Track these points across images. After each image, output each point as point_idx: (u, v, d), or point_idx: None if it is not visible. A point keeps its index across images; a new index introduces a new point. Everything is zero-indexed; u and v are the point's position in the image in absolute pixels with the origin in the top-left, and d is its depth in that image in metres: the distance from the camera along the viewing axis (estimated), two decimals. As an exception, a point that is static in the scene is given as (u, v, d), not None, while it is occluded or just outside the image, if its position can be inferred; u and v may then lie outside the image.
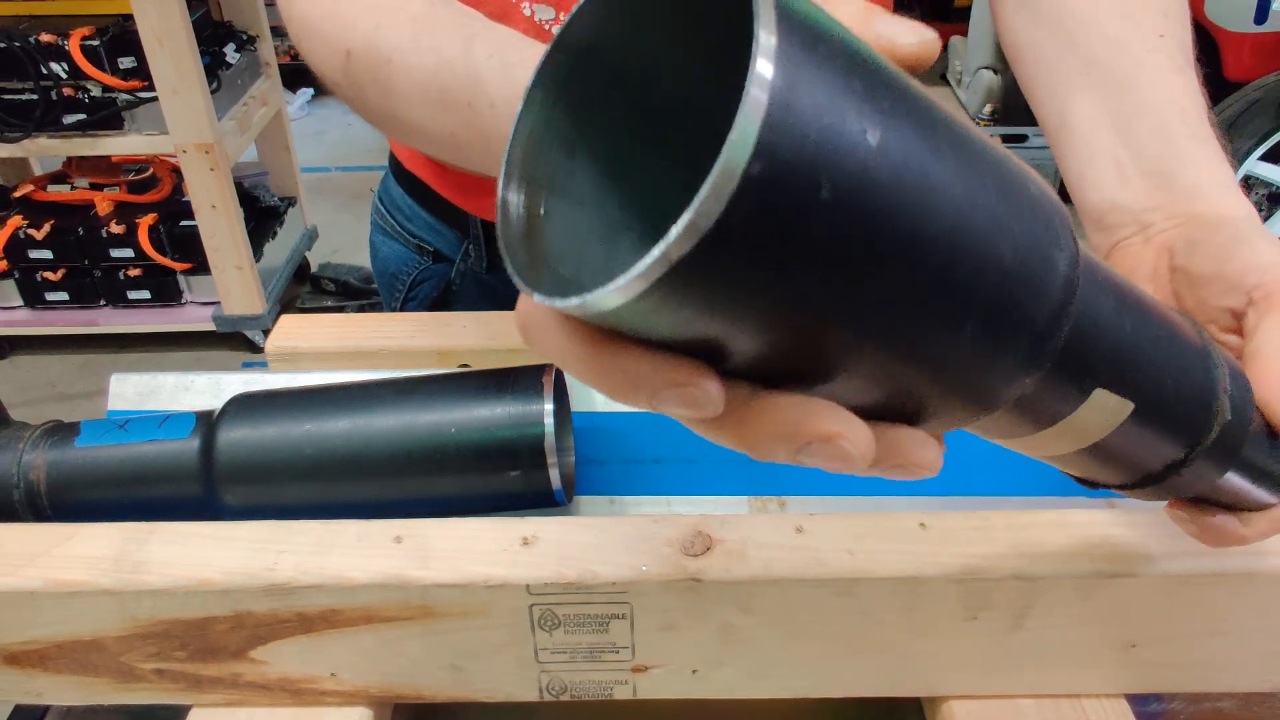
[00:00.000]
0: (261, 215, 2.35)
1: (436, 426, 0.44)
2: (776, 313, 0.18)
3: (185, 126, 1.93)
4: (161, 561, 0.38)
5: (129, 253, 2.15)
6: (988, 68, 3.17)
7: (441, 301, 0.76)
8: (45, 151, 2.02)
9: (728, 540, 0.39)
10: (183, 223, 2.13)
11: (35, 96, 1.91)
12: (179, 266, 2.18)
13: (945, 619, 0.39)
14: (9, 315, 2.23)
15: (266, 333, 2.13)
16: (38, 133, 1.95)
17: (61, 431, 0.46)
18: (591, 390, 0.26)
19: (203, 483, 0.45)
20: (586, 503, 0.51)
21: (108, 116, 1.94)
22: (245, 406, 0.46)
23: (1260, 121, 2.06)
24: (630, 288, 0.16)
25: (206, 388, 0.56)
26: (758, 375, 0.20)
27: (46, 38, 1.88)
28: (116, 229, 2.12)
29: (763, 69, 0.15)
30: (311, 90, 3.63)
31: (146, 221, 2.12)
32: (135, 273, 2.18)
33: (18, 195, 2.20)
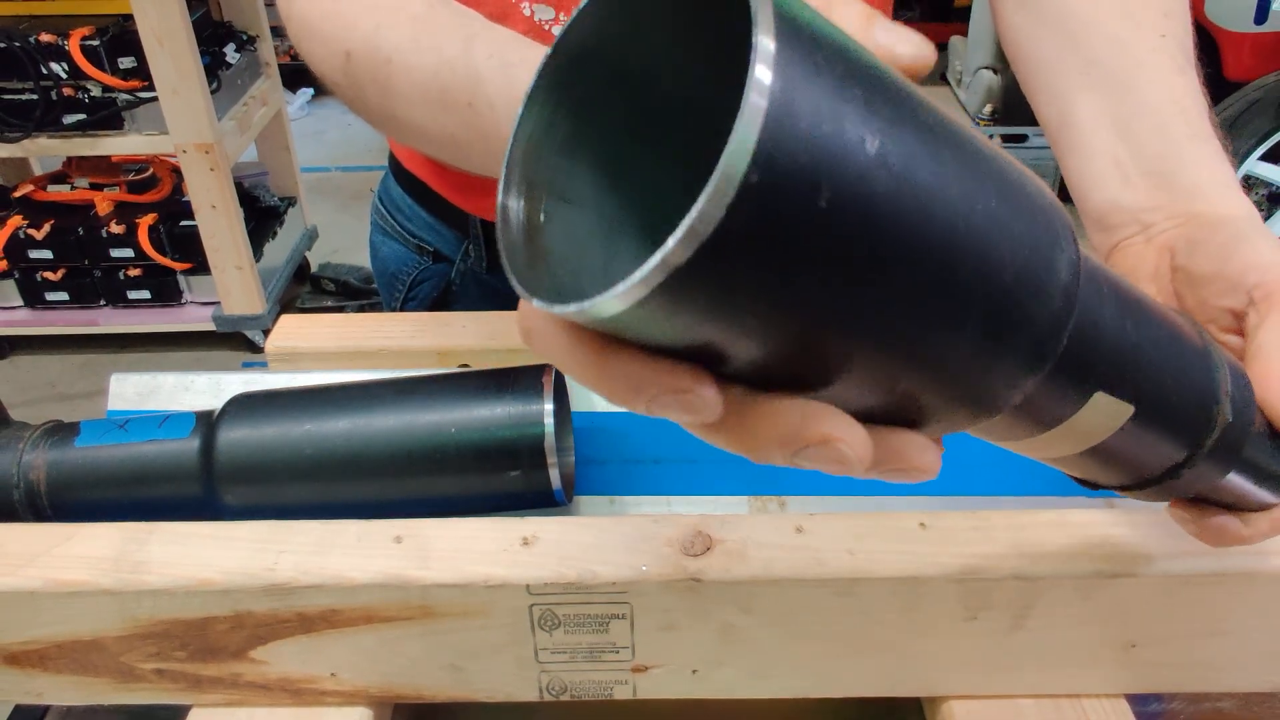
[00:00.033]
0: (261, 215, 2.35)
1: (436, 426, 0.44)
2: (775, 320, 0.18)
3: (185, 126, 1.94)
4: (161, 561, 0.38)
5: (129, 253, 2.15)
6: (988, 68, 3.17)
7: (441, 301, 0.76)
8: (45, 151, 2.02)
9: (728, 540, 0.39)
10: (183, 223, 2.14)
11: (35, 96, 1.91)
12: (179, 266, 2.18)
13: (945, 619, 0.39)
14: (9, 315, 2.23)
15: (266, 333, 2.13)
16: (38, 133, 1.95)
17: (61, 431, 0.46)
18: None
19: (203, 483, 0.45)
20: (586, 503, 0.51)
21: (108, 116, 1.94)
22: (245, 406, 0.46)
23: (1260, 121, 2.06)
24: (629, 295, 0.16)
25: (206, 388, 0.56)
26: (756, 379, 0.20)
27: (46, 37, 1.88)
28: (116, 229, 2.12)
29: (761, 75, 0.15)
30: (311, 90, 3.63)
31: (146, 221, 2.12)
32: (135, 273, 2.18)
33: (18, 195, 2.20)
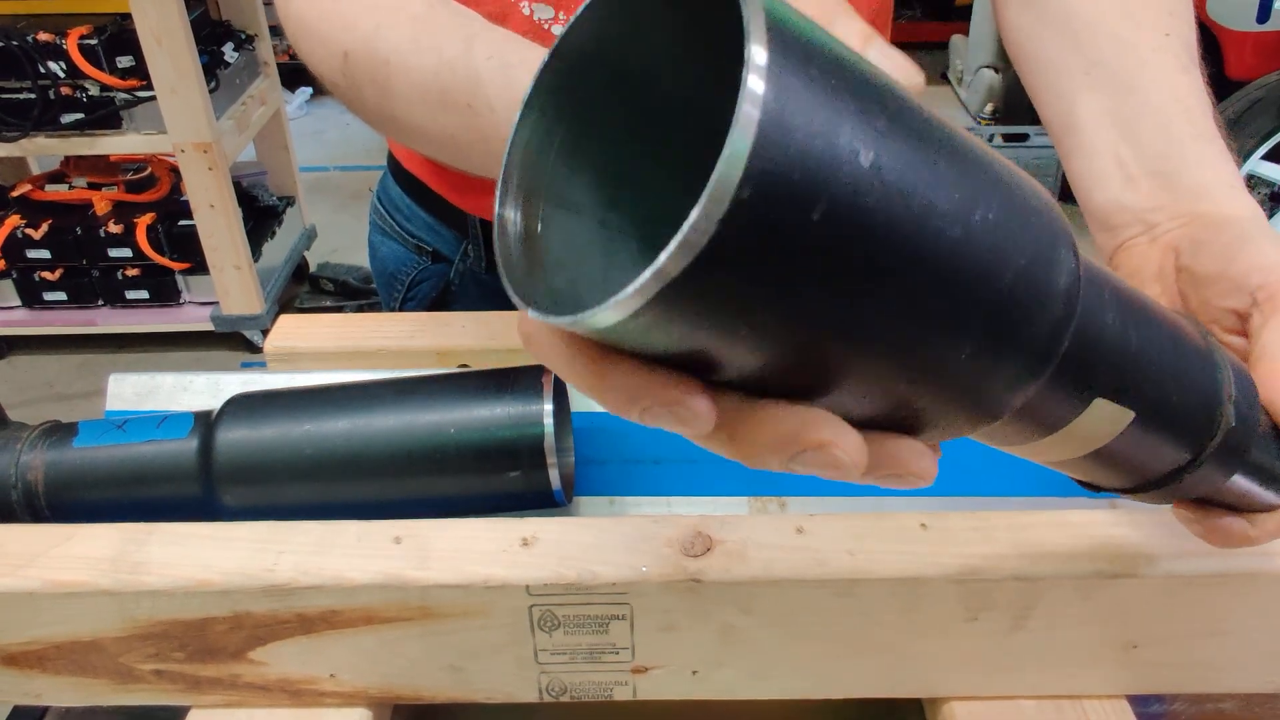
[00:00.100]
0: (260, 215, 2.35)
1: (436, 427, 0.44)
2: (770, 331, 0.18)
3: (183, 126, 1.93)
4: (160, 562, 0.38)
5: (127, 252, 2.15)
6: (989, 66, 3.18)
7: (440, 301, 0.76)
8: (43, 151, 2.02)
9: (728, 541, 0.39)
10: (181, 222, 2.13)
11: (33, 96, 1.90)
12: (177, 266, 2.17)
13: (946, 620, 0.39)
14: (7, 315, 2.22)
15: (265, 333, 2.13)
16: (35, 132, 1.95)
17: (59, 432, 0.46)
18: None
19: (201, 483, 0.45)
20: (586, 503, 0.50)
21: (106, 116, 1.94)
22: (244, 407, 0.46)
23: (1263, 121, 2.06)
24: (623, 307, 0.16)
25: (205, 388, 0.56)
26: (752, 386, 0.20)
27: (44, 37, 1.88)
28: (114, 229, 2.12)
29: (754, 85, 0.15)
30: (310, 90, 3.63)
31: (145, 221, 2.12)
32: (133, 272, 2.18)
33: (15, 195, 2.19)
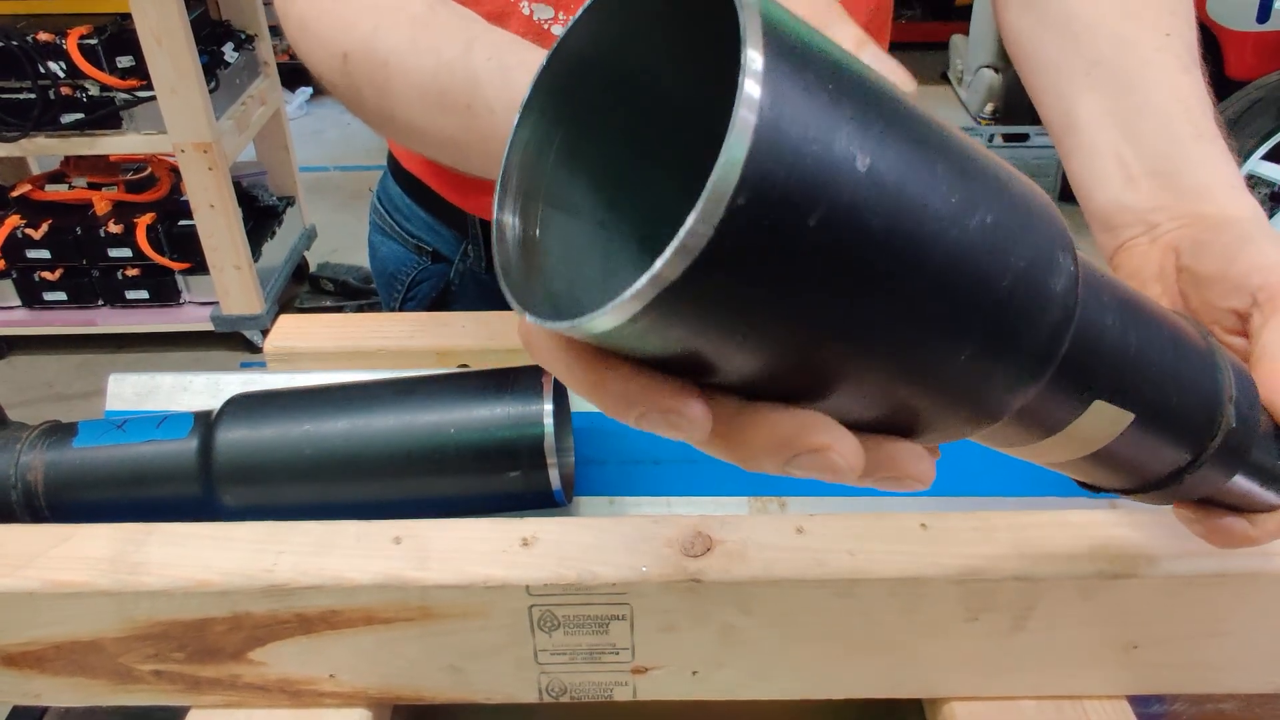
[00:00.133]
0: (260, 215, 2.35)
1: (436, 427, 0.44)
2: (766, 336, 0.18)
3: (183, 126, 1.93)
4: (160, 562, 0.38)
5: (127, 252, 2.15)
6: (989, 66, 3.18)
7: (440, 301, 0.76)
8: (43, 151, 2.02)
9: (728, 541, 0.39)
10: (181, 222, 2.13)
11: (33, 96, 1.90)
12: (177, 266, 2.17)
13: (946, 620, 0.39)
14: (6, 315, 2.22)
15: (265, 333, 2.13)
16: (35, 132, 1.95)
17: (59, 432, 0.46)
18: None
19: (201, 483, 0.45)
20: (586, 503, 0.50)
21: (106, 116, 1.94)
22: (244, 407, 0.46)
23: (1263, 121, 2.06)
24: (619, 312, 0.16)
25: (204, 388, 0.56)
26: (750, 390, 0.20)
27: (44, 36, 1.88)
28: (114, 229, 2.12)
29: (750, 90, 0.15)
30: (310, 89, 3.63)
31: (144, 221, 2.12)
32: (133, 272, 2.18)
33: (15, 195, 2.19)
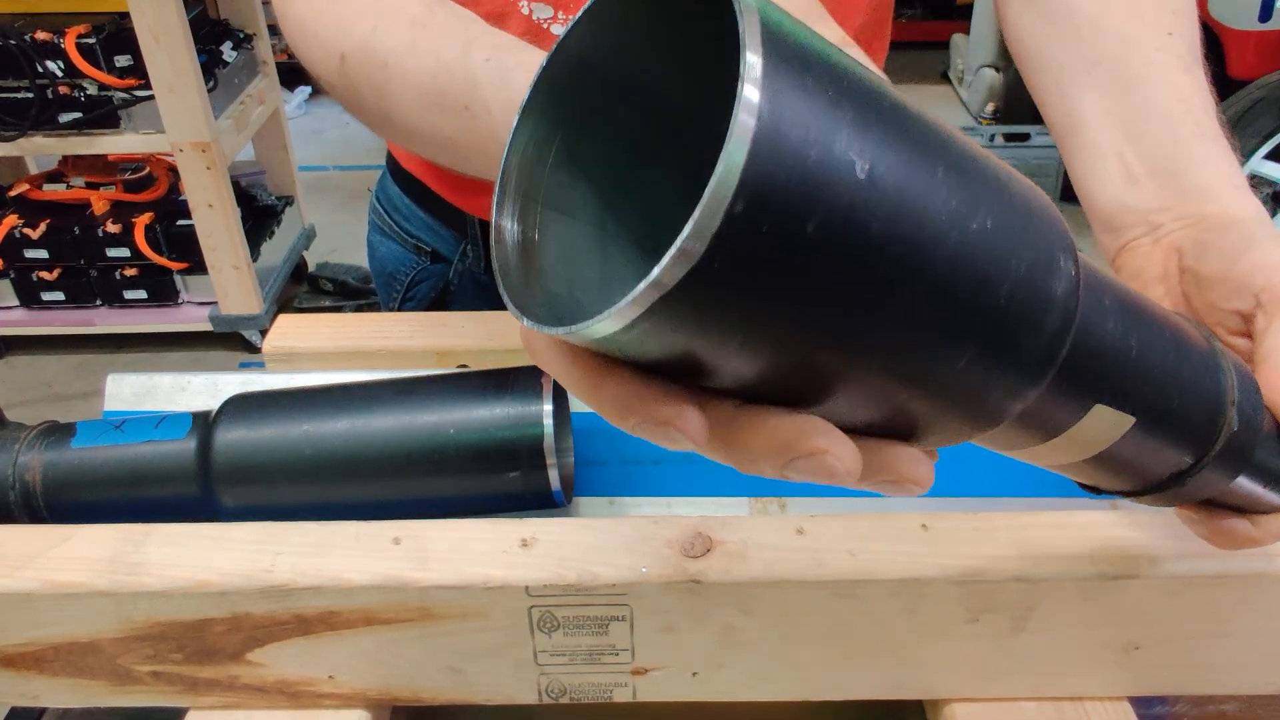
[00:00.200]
0: (259, 214, 2.34)
1: (435, 427, 0.44)
2: (764, 342, 0.17)
3: (182, 125, 1.93)
4: (158, 563, 0.38)
5: (125, 252, 2.14)
6: (990, 66, 3.18)
7: (439, 301, 0.76)
8: (41, 150, 2.02)
9: (728, 541, 0.39)
10: (179, 222, 2.13)
11: (31, 95, 1.90)
12: (175, 266, 2.17)
13: (947, 621, 0.39)
14: (4, 315, 2.22)
15: (264, 333, 2.13)
16: (33, 131, 1.94)
17: (57, 432, 0.46)
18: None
19: (200, 484, 0.45)
20: (586, 504, 0.50)
21: (104, 115, 1.94)
22: (242, 407, 0.46)
23: (1265, 120, 2.06)
24: (618, 318, 0.16)
25: (203, 388, 0.55)
26: (748, 393, 0.20)
27: (42, 36, 1.88)
28: (113, 228, 2.12)
29: (749, 95, 0.15)
30: (309, 89, 3.62)
31: (143, 221, 2.12)
32: (131, 272, 2.18)
33: (13, 194, 2.19)
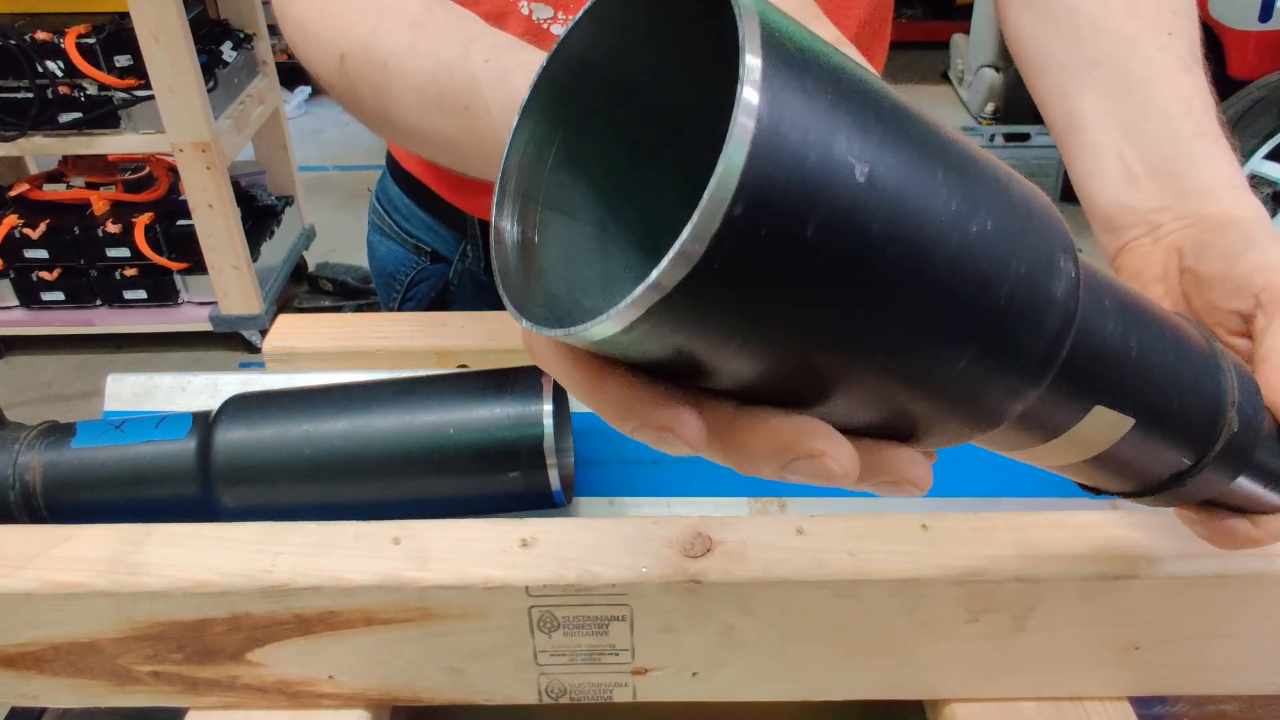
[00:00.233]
0: (259, 214, 2.34)
1: (435, 427, 0.44)
2: (764, 343, 0.17)
3: (182, 125, 1.93)
4: (158, 563, 0.38)
5: (125, 252, 2.14)
6: (990, 66, 3.18)
7: (439, 301, 0.76)
8: (41, 150, 2.02)
9: (728, 542, 0.39)
10: (179, 222, 2.13)
11: (31, 95, 1.90)
12: (175, 266, 2.17)
13: (947, 621, 0.39)
14: (4, 315, 2.22)
15: (264, 333, 2.13)
16: (33, 131, 1.94)
17: (57, 432, 0.46)
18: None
19: (200, 484, 0.45)
20: (586, 504, 0.50)
21: (104, 115, 1.94)
22: (242, 407, 0.46)
23: (1265, 120, 2.06)
24: (616, 321, 0.16)
25: (203, 388, 0.55)
26: (747, 395, 0.20)
27: (42, 36, 1.88)
28: (112, 228, 2.11)
29: (749, 97, 0.15)
30: (309, 89, 3.62)
31: (143, 221, 2.12)
32: (131, 272, 2.17)
33: (13, 194, 2.19)
